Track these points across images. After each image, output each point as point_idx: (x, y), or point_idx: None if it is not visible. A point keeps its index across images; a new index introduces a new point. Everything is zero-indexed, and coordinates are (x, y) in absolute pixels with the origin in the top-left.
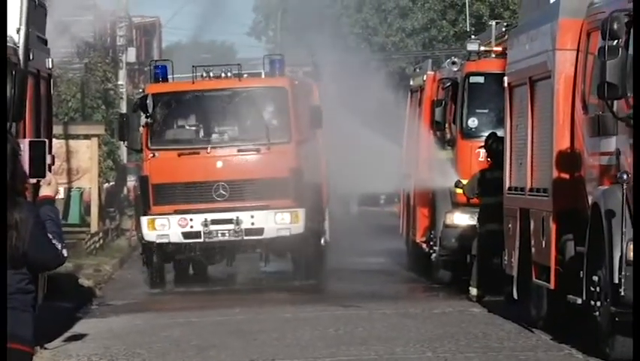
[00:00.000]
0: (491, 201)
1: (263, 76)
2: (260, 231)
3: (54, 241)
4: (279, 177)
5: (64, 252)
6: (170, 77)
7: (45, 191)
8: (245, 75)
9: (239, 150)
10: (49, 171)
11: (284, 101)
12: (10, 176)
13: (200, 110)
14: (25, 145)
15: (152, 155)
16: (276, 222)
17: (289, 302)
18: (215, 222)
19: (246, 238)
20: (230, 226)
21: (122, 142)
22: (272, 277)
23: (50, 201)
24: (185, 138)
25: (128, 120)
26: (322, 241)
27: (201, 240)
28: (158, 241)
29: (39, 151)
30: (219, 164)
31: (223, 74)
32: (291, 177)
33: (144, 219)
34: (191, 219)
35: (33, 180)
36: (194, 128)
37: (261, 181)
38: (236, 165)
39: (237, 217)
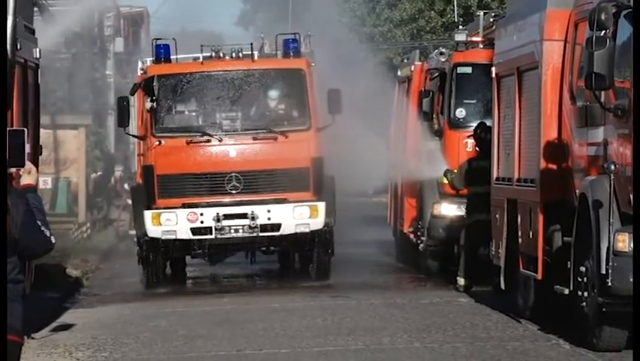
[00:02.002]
0: (479, 191)
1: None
2: (277, 227)
3: (42, 228)
4: (298, 167)
5: (52, 238)
6: (173, 57)
7: (26, 180)
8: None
9: (254, 138)
10: (31, 160)
11: (301, 84)
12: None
13: (210, 93)
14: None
15: (157, 142)
16: (295, 217)
17: (277, 293)
18: (228, 217)
19: (261, 234)
20: (245, 221)
21: (122, 128)
22: (262, 273)
23: (32, 189)
24: (195, 125)
25: (128, 104)
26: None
27: (212, 236)
28: (163, 238)
29: (18, 140)
30: (232, 153)
31: (234, 54)
32: (311, 168)
33: (148, 214)
34: (201, 214)
35: (13, 169)
36: (203, 113)
37: (278, 172)
38: (251, 154)
39: (253, 212)
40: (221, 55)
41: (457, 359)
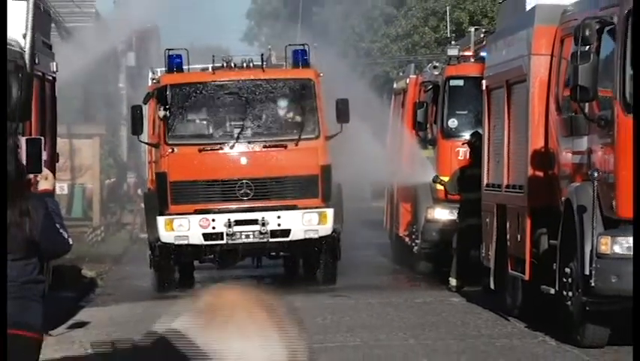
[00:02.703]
0: (471, 197)
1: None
2: (286, 232)
3: (61, 230)
4: (307, 174)
5: (70, 240)
6: (184, 67)
7: (43, 185)
8: (267, 60)
9: (264, 146)
10: (48, 167)
11: (310, 94)
12: (17, 170)
13: (221, 102)
14: (22, 142)
15: (170, 150)
16: (304, 223)
17: (280, 294)
18: (239, 222)
19: (271, 240)
20: (256, 227)
21: (136, 136)
22: (267, 276)
23: (50, 194)
24: (207, 133)
25: (142, 113)
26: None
27: (224, 242)
28: (176, 243)
29: (36, 148)
30: (244, 160)
31: (245, 65)
32: (319, 175)
33: (161, 219)
34: (213, 220)
35: (30, 175)
36: (215, 122)
37: (288, 179)
38: (262, 161)
39: (263, 218)
40: (232, 65)
41: (449, 356)
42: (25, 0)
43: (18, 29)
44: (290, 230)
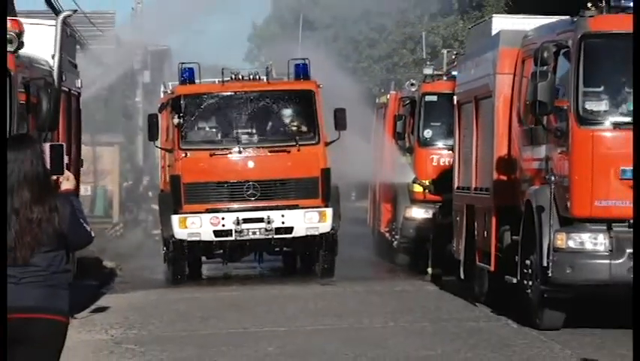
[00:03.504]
0: (449, 197)
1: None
2: (290, 230)
3: (84, 225)
4: (308, 177)
5: (92, 233)
6: (196, 80)
7: (65, 185)
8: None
9: (269, 151)
10: (75, 171)
11: (311, 103)
12: (44, 172)
13: (230, 111)
14: (46, 148)
15: (183, 155)
16: (306, 221)
17: (277, 283)
18: (246, 220)
19: (276, 236)
20: (262, 225)
21: (152, 142)
22: (268, 269)
23: (72, 193)
24: (217, 139)
25: (157, 121)
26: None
27: (232, 238)
28: (189, 239)
29: (58, 152)
30: (250, 164)
31: (251, 77)
32: (320, 178)
33: (175, 218)
34: (223, 218)
35: (54, 177)
36: (224, 129)
37: (291, 181)
38: (267, 165)
39: (268, 216)
40: (240, 78)
41: (425, 336)
42: (53, 25)
43: (47, 51)
44: (293, 227)
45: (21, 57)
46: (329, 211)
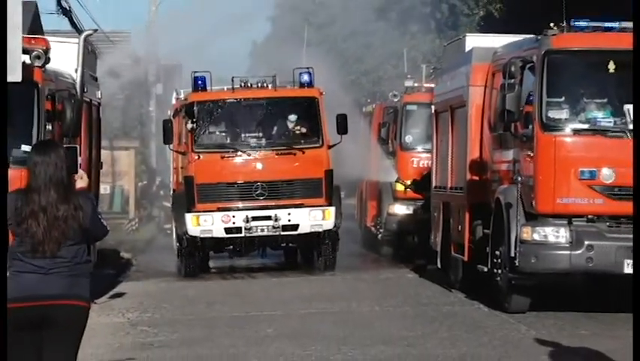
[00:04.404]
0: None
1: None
2: (295, 227)
3: (102, 220)
4: (312, 178)
5: (107, 227)
6: (208, 88)
7: (79, 184)
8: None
9: (276, 154)
10: (95, 172)
11: (315, 109)
12: (68, 174)
13: (240, 116)
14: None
15: (196, 157)
16: (310, 219)
17: (275, 273)
18: (255, 218)
19: (283, 233)
20: (269, 223)
21: (167, 145)
22: (269, 263)
23: (86, 191)
24: (227, 142)
25: (172, 126)
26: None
27: (242, 235)
28: (201, 236)
29: (72, 154)
30: (259, 166)
31: (259, 85)
32: (323, 178)
33: (189, 216)
34: (233, 216)
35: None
36: (234, 133)
37: (296, 182)
38: (274, 167)
39: (276, 214)
40: (249, 85)
41: (406, 318)
42: (76, 43)
43: (71, 65)
44: (298, 225)
45: (48, 71)
46: (332, 210)
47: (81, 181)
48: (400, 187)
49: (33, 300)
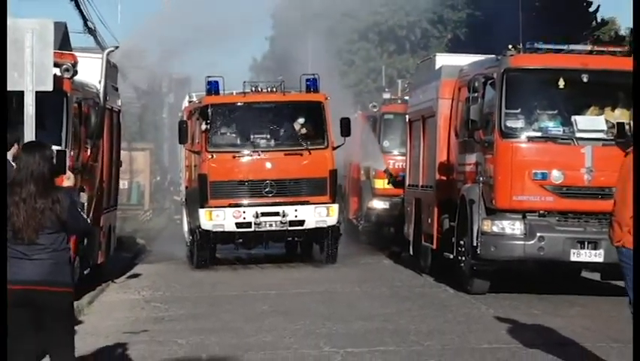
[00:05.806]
0: None
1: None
2: (302, 222)
3: (82, 213)
4: (318, 177)
5: (88, 220)
6: (221, 92)
7: (66, 183)
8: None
9: (284, 154)
10: (115, 171)
11: (321, 113)
12: (50, 172)
13: (251, 119)
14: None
15: (210, 156)
16: (315, 215)
17: (271, 260)
18: (264, 214)
19: (289, 228)
20: (277, 218)
21: (182, 145)
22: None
23: (73, 189)
24: (239, 143)
25: (187, 127)
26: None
27: (252, 229)
28: (214, 230)
29: (61, 157)
30: (268, 165)
31: (269, 89)
32: (328, 177)
33: (202, 211)
34: (244, 212)
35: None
36: (245, 134)
37: (303, 180)
38: (282, 166)
39: (283, 211)
40: (260, 90)
41: (383, 298)
42: (100, 58)
43: (95, 77)
44: (304, 220)
45: (75, 82)
46: (335, 207)
47: (68, 181)
48: (378, 185)
49: (20, 284)
